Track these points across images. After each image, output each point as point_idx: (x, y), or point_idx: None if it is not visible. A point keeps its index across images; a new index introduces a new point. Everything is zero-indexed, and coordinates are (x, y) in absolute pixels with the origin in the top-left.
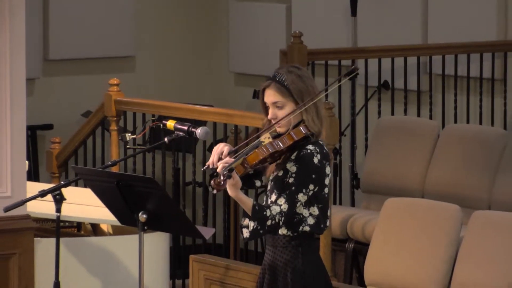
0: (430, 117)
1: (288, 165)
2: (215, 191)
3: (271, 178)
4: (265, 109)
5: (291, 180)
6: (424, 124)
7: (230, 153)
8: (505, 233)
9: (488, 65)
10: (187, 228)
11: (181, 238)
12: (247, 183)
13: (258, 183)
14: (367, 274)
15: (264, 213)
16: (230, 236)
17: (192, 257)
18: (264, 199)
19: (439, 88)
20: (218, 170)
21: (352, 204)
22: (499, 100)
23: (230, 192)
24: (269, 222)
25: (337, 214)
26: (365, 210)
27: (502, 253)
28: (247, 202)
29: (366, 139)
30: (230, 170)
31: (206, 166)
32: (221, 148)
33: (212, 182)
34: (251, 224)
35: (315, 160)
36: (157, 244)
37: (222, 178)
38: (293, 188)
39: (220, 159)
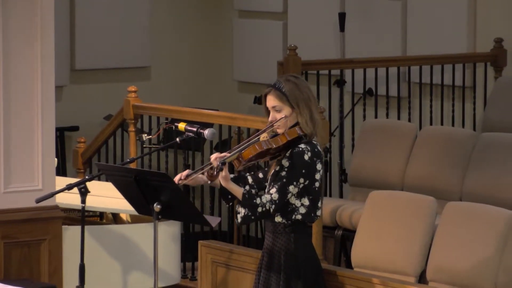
0: (409, 120)
1: (283, 161)
2: (209, 182)
3: (271, 174)
4: (268, 113)
5: (283, 173)
6: (404, 126)
7: (189, 175)
8: (474, 221)
9: (459, 75)
10: (196, 217)
11: (190, 226)
12: (260, 186)
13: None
14: (354, 258)
15: (254, 200)
16: (234, 224)
17: (200, 242)
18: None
19: (416, 94)
20: (212, 162)
21: (341, 196)
22: (469, 105)
23: (222, 182)
24: (259, 209)
25: (327, 205)
26: (352, 201)
27: (472, 238)
28: (238, 191)
29: (353, 139)
30: (223, 164)
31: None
32: (183, 171)
33: (206, 173)
34: (242, 211)
35: (306, 157)
36: (170, 231)
37: (215, 170)
38: (284, 180)
39: (180, 179)
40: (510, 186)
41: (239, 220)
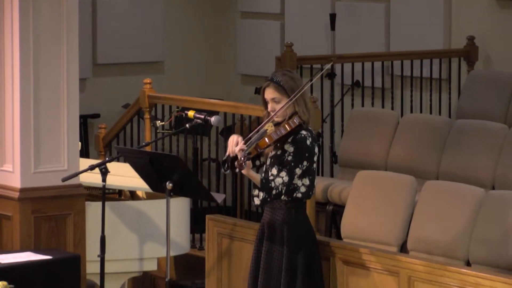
0: (392, 109)
1: (286, 146)
2: (237, 170)
3: (270, 155)
4: (265, 104)
5: (289, 158)
6: (387, 114)
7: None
8: (449, 198)
9: (436, 69)
10: (203, 194)
11: (199, 201)
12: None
13: (257, 163)
14: (343, 230)
15: (270, 184)
16: (237, 200)
17: (207, 216)
18: (264, 171)
19: (398, 86)
20: (237, 154)
21: (331, 175)
22: (445, 95)
23: (244, 171)
24: (274, 192)
25: (319, 183)
26: (341, 180)
27: (447, 213)
28: (256, 177)
29: (342, 125)
30: (249, 154)
31: (226, 155)
32: (236, 139)
33: (236, 163)
34: (260, 194)
35: (308, 142)
36: (181, 206)
37: (242, 159)
38: (292, 164)
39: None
40: (481, 166)
41: (258, 202)
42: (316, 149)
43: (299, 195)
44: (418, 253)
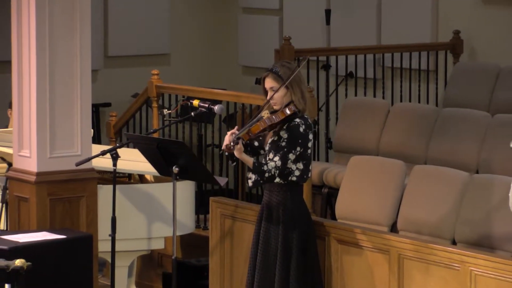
0: (383, 98)
1: (281, 132)
2: (226, 153)
3: (268, 142)
4: (265, 93)
5: (283, 143)
6: (378, 103)
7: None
8: (437, 181)
9: (424, 60)
10: (207, 178)
11: (203, 185)
12: (255, 152)
13: (262, 152)
14: (337, 211)
15: (262, 167)
16: (239, 183)
17: (211, 198)
18: (264, 158)
19: (389, 76)
20: (227, 138)
21: (327, 160)
22: (432, 86)
23: (236, 154)
24: (266, 174)
25: (315, 168)
26: (336, 165)
27: (434, 195)
28: (249, 160)
29: (337, 114)
30: (238, 138)
31: (222, 150)
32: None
33: (224, 147)
34: (253, 176)
35: (301, 129)
36: (186, 189)
37: (232, 144)
38: (285, 149)
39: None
40: (466, 151)
41: (251, 184)
42: (311, 136)
43: (294, 178)
44: (407, 233)
